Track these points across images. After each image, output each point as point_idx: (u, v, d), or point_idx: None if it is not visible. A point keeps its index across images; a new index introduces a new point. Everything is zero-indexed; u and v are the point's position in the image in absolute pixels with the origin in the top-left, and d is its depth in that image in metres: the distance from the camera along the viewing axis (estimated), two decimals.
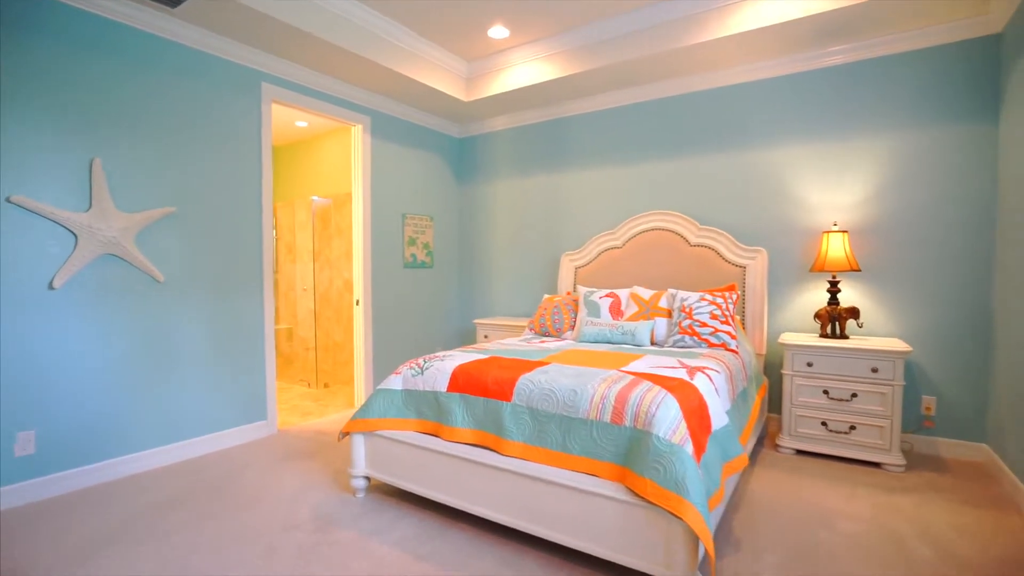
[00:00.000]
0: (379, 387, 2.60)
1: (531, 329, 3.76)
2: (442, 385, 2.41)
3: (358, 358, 4.36)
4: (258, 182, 3.52)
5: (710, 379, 2.28)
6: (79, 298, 2.72)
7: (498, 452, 2.14)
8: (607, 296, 3.53)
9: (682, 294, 3.28)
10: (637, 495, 1.75)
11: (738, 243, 3.63)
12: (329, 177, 6.00)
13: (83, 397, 2.75)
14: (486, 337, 4.51)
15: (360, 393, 4.36)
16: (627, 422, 1.88)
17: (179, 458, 3.12)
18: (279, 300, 6.77)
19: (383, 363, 4.50)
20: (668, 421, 1.81)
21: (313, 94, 3.85)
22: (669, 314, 3.27)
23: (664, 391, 1.95)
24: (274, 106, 4.29)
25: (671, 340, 3.11)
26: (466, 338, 5.29)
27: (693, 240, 3.78)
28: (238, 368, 3.43)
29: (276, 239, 6.78)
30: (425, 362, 2.58)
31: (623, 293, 3.55)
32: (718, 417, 2.11)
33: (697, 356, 2.71)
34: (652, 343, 3.23)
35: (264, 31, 3.14)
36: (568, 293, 4.17)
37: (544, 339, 3.43)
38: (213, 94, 3.25)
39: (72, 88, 2.67)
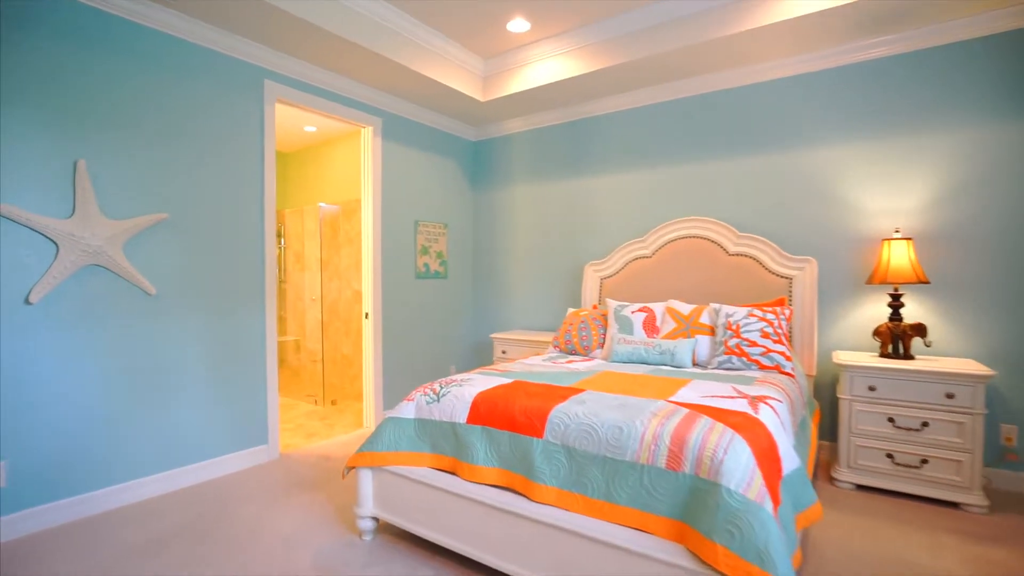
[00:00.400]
0: (389, 415, 2.30)
1: (555, 346, 3.44)
2: (461, 415, 2.11)
3: (367, 374, 4.07)
4: (260, 187, 3.26)
5: (775, 411, 1.94)
6: (59, 313, 2.46)
7: (527, 497, 1.83)
8: (640, 311, 3.21)
9: (727, 309, 2.95)
10: (704, 563, 1.42)
11: (783, 252, 3.29)
12: (339, 184, 5.76)
13: (62, 423, 2.48)
14: (504, 353, 4.20)
15: (369, 412, 4.06)
16: (687, 468, 1.56)
17: (170, 488, 2.83)
18: (287, 310, 6.52)
19: (394, 380, 4.21)
20: (740, 470, 1.48)
21: (320, 93, 3.59)
22: (712, 331, 2.93)
23: (730, 430, 1.62)
24: (278, 106, 4.05)
25: (716, 361, 2.78)
26: (482, 353, 4.98)
27: (732, 248, 3.45)
28: (237, 388, 3.15)
29: (284, 247, 6.57)
30: (442, 388, 2.28)
31: (658, 307, 3.22)
32: (788, 458, 1.78)
33: (752, 382, 2.38)
34: (694, 364, 2.90)
35: (267, 24, 2.88)
36: (594, 307, 3.85)
37: (571, 359, 3.12)
38: (211, 91, 3.00)
39: (54, 82, 2.43)
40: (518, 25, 3.52)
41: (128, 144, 2.67)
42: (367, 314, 4.04)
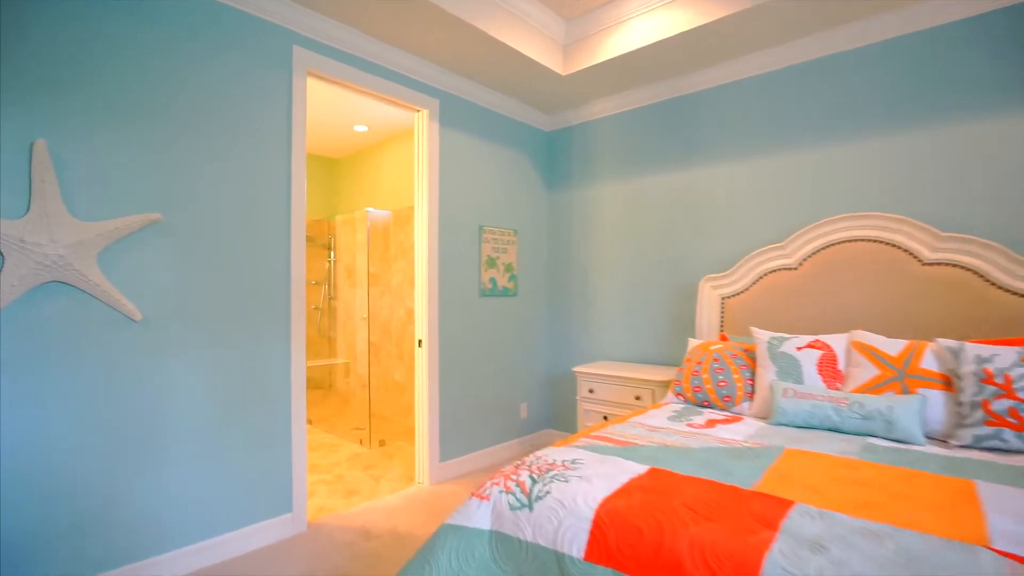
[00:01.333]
0: (449, 521, 1.44)
1: (678, 393, 2.49)
2: (574, 542, 1.22)
3: (420, 415, 3.26)
4: (286, 182, 2.55)
5: None
6: (3, 351, 1.79)
7: None
8: (811, 346, 2.21)
9: (976, 349, 1.90)
10: None
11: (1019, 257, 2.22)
12: (393, 191, 5.09)
13: (12, 497, 1.79)
14: (591, 393, 3.28)
15: (422, 463, 3.25)
16: None
17: None
18: (337, 330, 5.91)
19: (452, 423, 3.38)
20: None
21: (363, 65, 2.87)
22: (948, 383, 1.90)
23: None
24: (311, 83, 3.34)
25: (969, 435, 1.75)
26: (560, 390, 4.08)
27: (929, 255, 2.40)
28: (251, 442, 2.41)
29: (335, 261, 5.98)
30: (534, 480, 1.40)
31: (837, 342, 2.22)
32: None
33: None
34: (926, 437, 1.87)
35: None
36: (722, 336, 2.87)
37: (710, 416, 2.17)
38: (221, 58, 2.32)
39: (2, 35, 1.79)
40: None
41: (108, 122, 2.00)
42: (420, 341, 3.25)
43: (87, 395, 1.95)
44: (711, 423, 2.02)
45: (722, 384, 2.31)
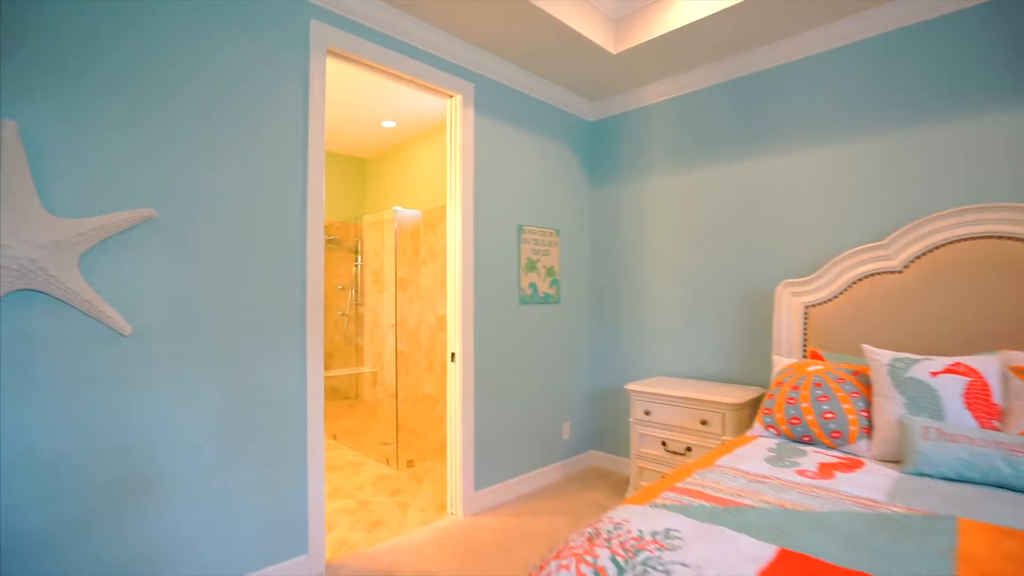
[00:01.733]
0: None
1: (768, 426, 2.05)
2: None
3: (453, 438, 2.91)
4: (302, 177, 2.23)
5: None
6: None
7: None
8: (951, 371, 1.76)
9: None
10: None
11: None
12: (424, 192, 4.77)
13: None
14: (647, 415, 2.86)
15: (455, 492, 2.88)
16: None
17: None
18: (364, 338, 5.63)
19: (488, 445, 3.01)
20: None
21: (390, 43, 2.54)
22: None
23: None
24: (331, 64, 3.00)
25: None
26: (605, 407, 3.67)
27: None
28: (261, 478, 2.09)
29: (362, 265, 5.70)
30: (620, 568, 1.01)
31: (987, 366, 1.75)
32: None
33: None
34: None
35: None
36: (814, 353, 2.41)
37: (821, 458, 1.74)
38: (226, 33, 2.01)
39: None
40: None
41: (93, 102, 1.71)
42: (453, 355, 2.89)
43: (66, 425, 1.65)
44: (826, 470, 1.58)
45: (828, 416, 1.87)
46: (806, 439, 1.92)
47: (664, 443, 2.80)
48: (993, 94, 2.22)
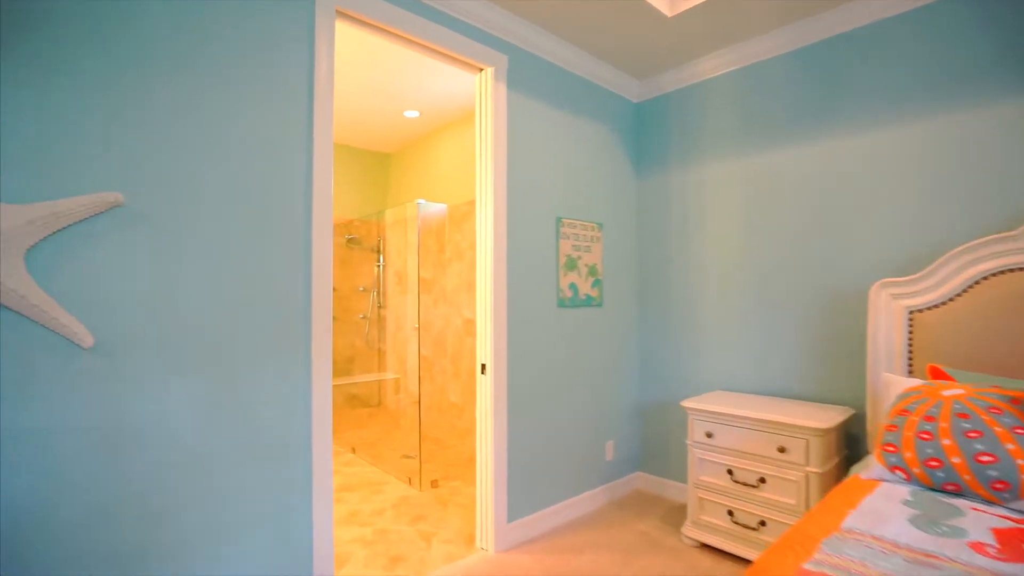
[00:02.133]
0: None
1: (894, 467, 1.59)
2: None
3: (483, 463, 2.54)
4: (305, 160, 1.89)
5: None
6: None
7: None
8: None
9: None
10: None
11: None
12: (449, 187, 4.43)
13: None
14: (709, 437, 2.44)
15: (486, 522, 2.51)
16: None
17: None
18: (386, 343, 5.32)
19: (523, 470, 2.63)
20: None
21: (410, 5, 2.19)
22: None
23: None
24: (341, 29, 2.60)
25: None
26: (652, 423, 3.25)
27: None
28: (256, 516, 1.75)
29: (384, 266, 5.40)
30: None
31: None
32: None
33: None
34: None
35: None
36: (935, 370, 1.94)
37: (976, 516, 1.32)
38: None
39: None
40: None
41: (49, 65, 1.40)
42: (483, 366, 2.53)
43: (10, 461, 1.34)
44: (1010, 542, 1.15)
45: (984, 459, 1.42)
46: (951, 488, 1.47)
47: (730, 472, 2.37)
48: None
